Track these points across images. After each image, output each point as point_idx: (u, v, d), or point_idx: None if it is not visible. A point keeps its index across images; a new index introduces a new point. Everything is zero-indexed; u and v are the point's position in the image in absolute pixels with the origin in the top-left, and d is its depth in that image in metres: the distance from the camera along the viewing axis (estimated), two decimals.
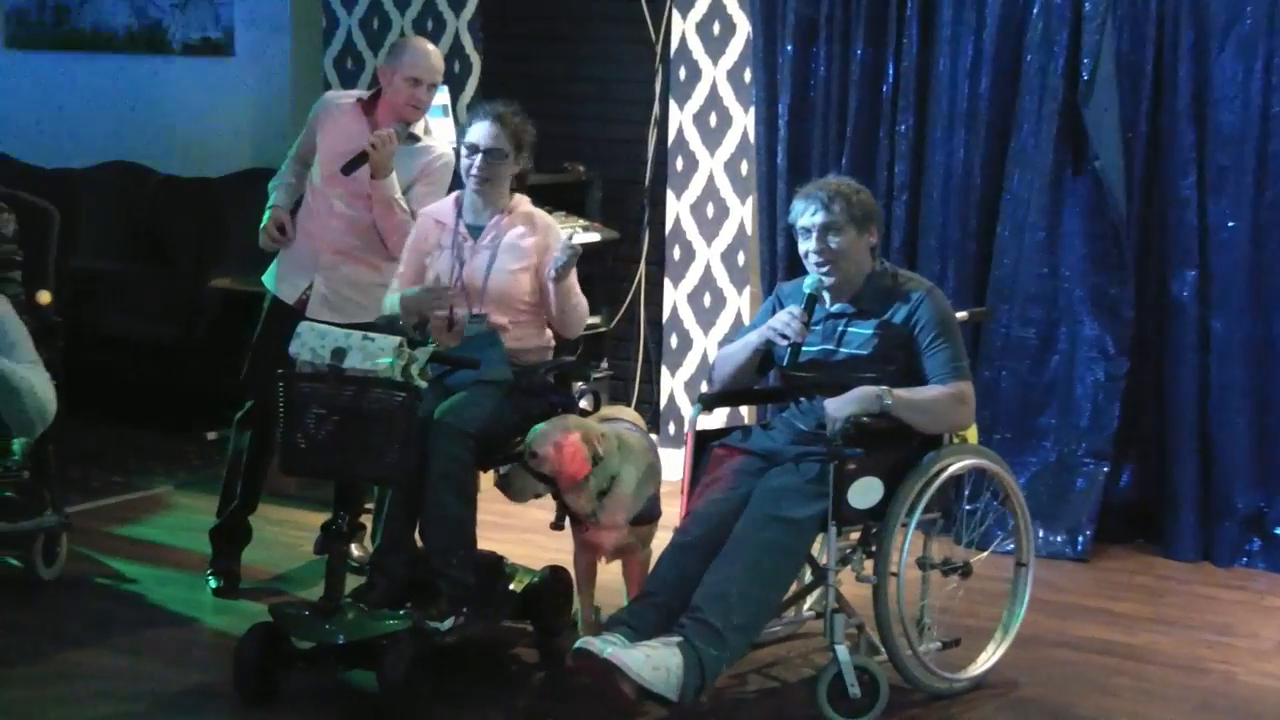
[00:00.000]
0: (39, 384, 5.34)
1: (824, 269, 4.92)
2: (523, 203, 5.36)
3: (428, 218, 5.39)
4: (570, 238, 5.16)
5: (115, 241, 8.70)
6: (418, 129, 5.60)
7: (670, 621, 4.64)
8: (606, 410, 5.42)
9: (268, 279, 5.79)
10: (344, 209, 5.58)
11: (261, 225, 5.69)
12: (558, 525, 5.08)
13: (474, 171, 5.22)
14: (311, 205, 5.68)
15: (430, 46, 5.63)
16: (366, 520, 5.64)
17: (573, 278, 5.16)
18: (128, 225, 8.73)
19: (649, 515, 5.09)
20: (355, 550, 5.68)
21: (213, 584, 5.67)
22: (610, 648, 4.48)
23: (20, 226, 5.71)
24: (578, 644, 4.55)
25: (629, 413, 5.55)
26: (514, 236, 5.24)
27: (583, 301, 5.26)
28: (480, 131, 5.23)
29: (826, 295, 4.96)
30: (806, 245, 4.95)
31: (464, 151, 5.26)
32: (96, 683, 4.93)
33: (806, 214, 4.94)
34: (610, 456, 4.97)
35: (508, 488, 5.02)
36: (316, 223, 5.64)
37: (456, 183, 5.50)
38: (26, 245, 5.71)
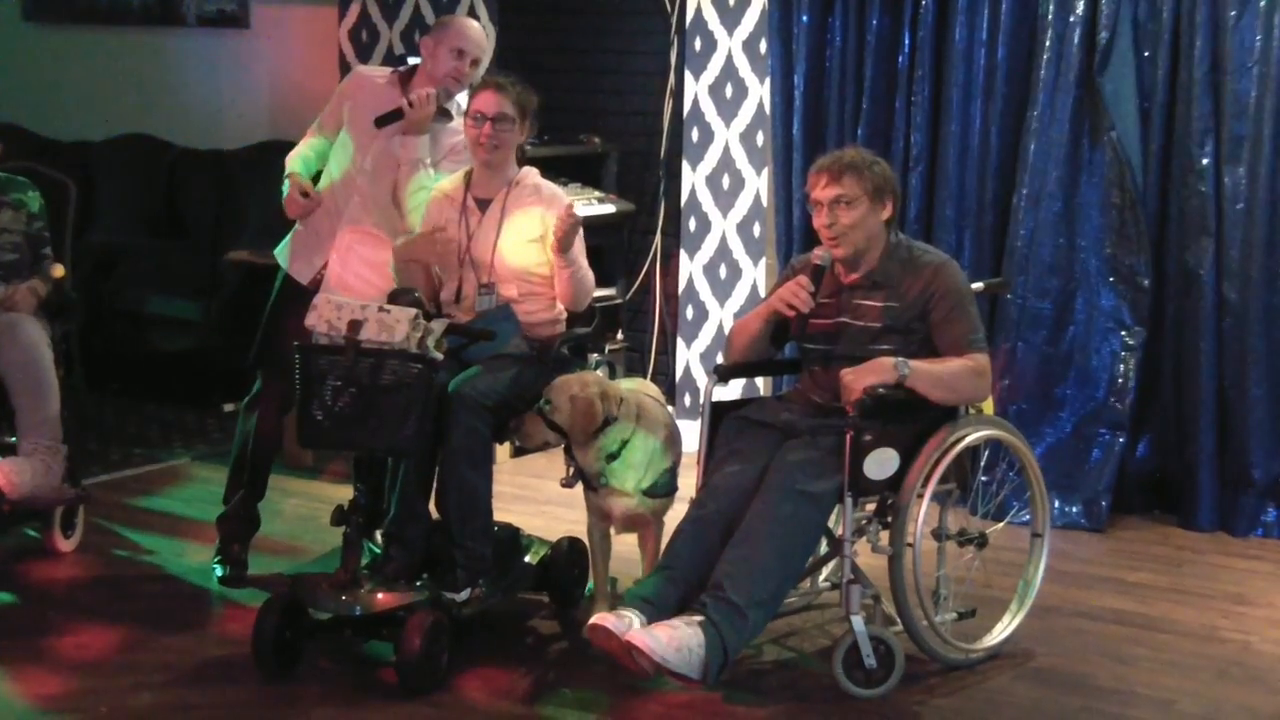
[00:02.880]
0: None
1: (834, 241, 4.92)
2: (530, 174, 5.36)
3: (437, 192, 5.40)
4: (571, 206, 5.15)
5: (133, 215, 8.72)
6: (451, 107, 5.60)
7: (688, 595, 4.65)
8: (625, 383, 5.43)
9: (280, 254, 5.74)
10: (367, 181, 5.51)
11: (284, 195, 5.59)
12: (568, 483, 5.09)
13: (483, 140, 5.23)
14: (331, 183, 5.63)
15: (476, 24, 5.64)
16: None
17: (578, 248, 5.16)
18: (145, 199, 8.75)
19: (665, 488, 5.10)
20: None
21: (218, 572, 5.56)
22: (628, 627, 4.49)
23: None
24: (593, 620, 4.56)
25: (649, 386, 5.55)
26: (521, 208, 5.24)
27: (589, 274, 5.25)
28: (486, 100, 5.23)
29: (829, 264, 4.95)
30: (818, 219, 4.95)
31: (470, 123, 5.26)
32: (115, 654, 4.95)
33: (819, 186, 4.93)
34: (625, 420, 4.98)
35: (518, 432, 5.03)
36: (337, 199, 5.60)
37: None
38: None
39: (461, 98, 5.66)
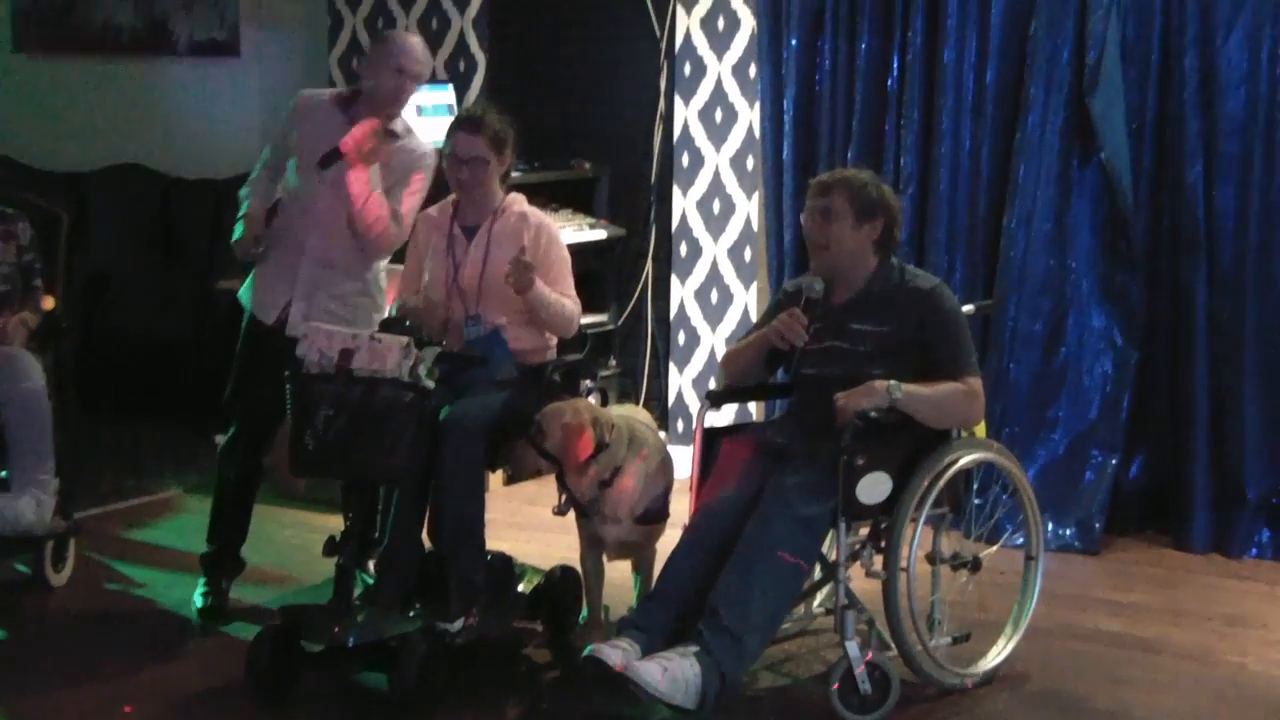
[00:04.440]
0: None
1: (816, 252, 4.94)
2: (516, 202, 5.35)
3: (425, 220, 5.40)
4: (520, 252, 5.11)
5: (125, 245, 8.71)
6: (397, 126, 5.46)
7: (681, 621, 4.64)
8: (617, 409, 5.43)
9: (244, 296, 5.61)
10: (324, 212, 5.38)
11: (235, 237, 5.48)
12: (561, 511, 5.08)
13: (460, 181, 5.22)
14: (290, 212, 5.51)
15: (417, 39, 5.51)
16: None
17: (541, 287, 5.12)
18: (137, 228, 8.74)
19: (657, 515, 5.09)
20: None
21: (199, 603, 5.51)
22: (624, 658, 4.47)
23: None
24: (588, 650, 4.53)
25: (641, 412, 5.55)
26: (508, 236, 5.24)
27: (565, 307, 5.22)
28: (460, 142, 5.23)
29: (820, 289, 4.94)
30: (805, 228, 4.98)
31: (446, 163, 5.25)
32: (108, 687, 4.93)
33: (809, 197, 4.97)
34: (617, 447, 4.97)
35: (510, 460, 5.02)
36: (295, 231, 5.46)
37: (448, 187, 5.44)
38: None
39: (423, 119, 5.58)
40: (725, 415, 6.38)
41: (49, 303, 5.71)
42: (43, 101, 9.29)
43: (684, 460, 5.18)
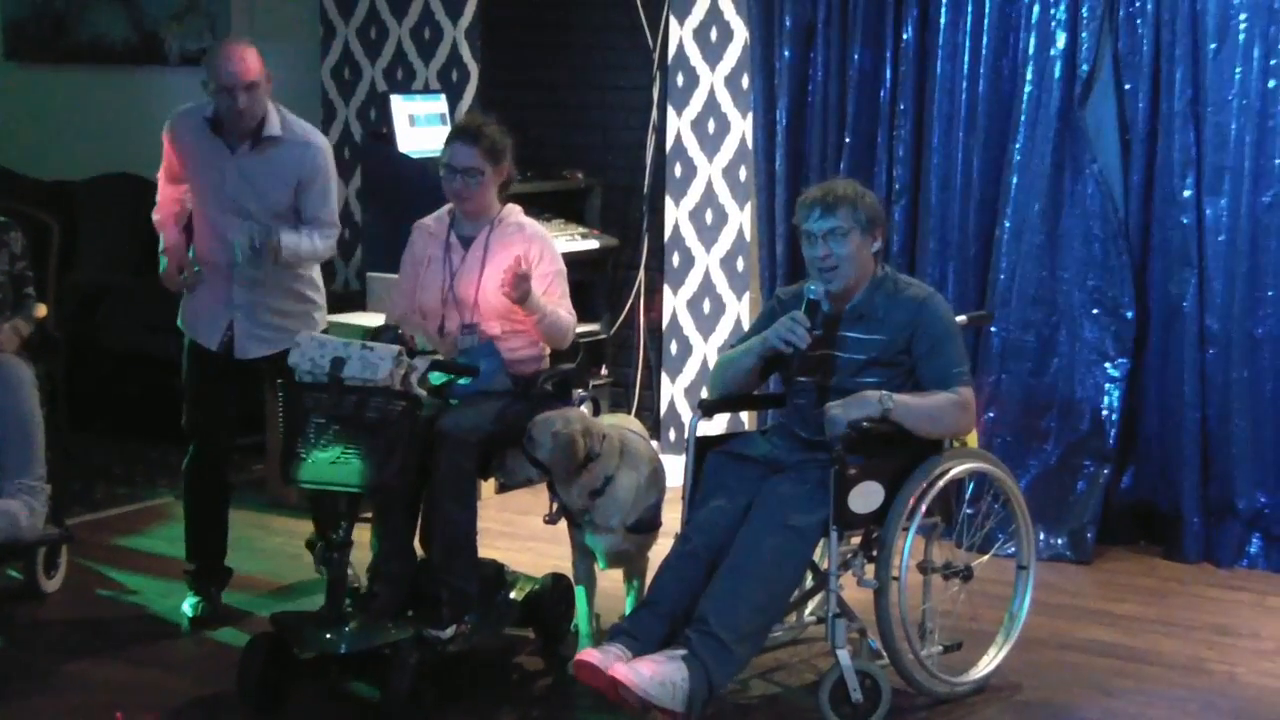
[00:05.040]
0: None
1: (827, 275, 4.92)
2: (514, 212, 5.35)
3: (421, 229, 5.40)
4: (516, 262, 5.09)
5: (116, 254, 8.69)
6: (273, 127, 5.37)
7: (673, 630, 4.65)
8: (608, 419, 5.43)
9: (182, 323, 5.59)
10: (238, 235, 5.31)
11: (161, 268, 5.49)
12: (552, 520, 5.08)
13: (454, 191, 5.23)
14: (205, 239, 5.47)
15: (233, 47, 5.35)
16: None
17: (538, 298, 5.12)
18: (128, 238, 8.72)
19: (649, 524, 5.09)
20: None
21: (189, 612, 5.54)
22: (614, 661, 4.48)
23: None
24: (579, 655, 4.56)
25: (633, 422, 5.54)
26: (504, 246, 5.23)
27: (561, 318, 5.23)
28: (455, 153, 5.23)
29: (824, 299, 4.95)
30: (811, 251, 4.94)
31: (442, 173, 5.25)
32: (100, 695, 4.92)
33: (811, 218, 4.92)
34: (608, 457, 4.97)
35: (501, 469, 5.03)
36: (216, 255, 5.42)
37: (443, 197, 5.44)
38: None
39: (419, 130, 5.55)
40: (717, 425, 6.38)
41: (41, 311, 5.71)
42: (34, 111, 9.29)
43: (676, 470, 5.17)
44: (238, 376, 5.57)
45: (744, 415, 6.85)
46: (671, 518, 5.15)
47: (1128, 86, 6.40)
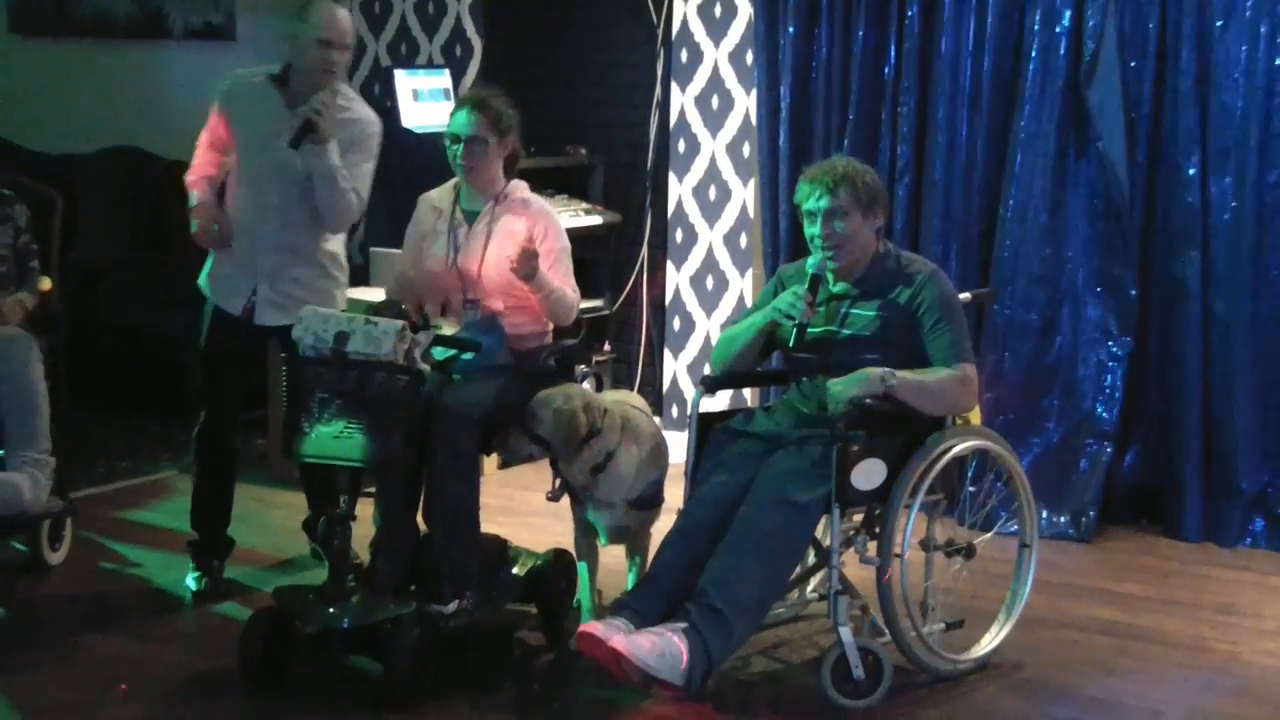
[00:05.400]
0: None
1: (829, 253, 4.91)
2: (519, 188, 5.35)
3: (425, 203, 5.40)
4: (528, 242, 5.10)
5: (119, 228, 8.69)
6: (340, 97, 5.40)
7: (675, 606, 4.65)
8: (611, 395, 5.43)
9: (204, 284, 5.60)
10: (276, 198, 5.38)
11: (193, 228, 5.47)
12: (554, 497, 5.09)
13: (459, 161, 5.22)
14: (241, 203, 5.49)
15: (339, 9, 5.42)
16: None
17: (543, 275, 5.12)
18: (132, 211, 8.73)
19: (651, 500, 5.09)
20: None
21: (193, 586, 5.56)
22: (615, 634, 4.49)
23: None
24: (581, 628, 4.57)
25: (635, 398, 5.55)
26: (509, 222, 5.23)
27: (566, 295, 5.23)
28: (459, 122, 5.22)
29: (830, 276, 4.96)
30: (812, 229, 4.94)
31: (447, 142, 5.25)
32: (102, 668, 4.93)
33: (812, 198, 4.92)
34: (610, 432, 4.97)
35: (502, 446, 5.03)
36: (249, 219, 5.44)
37: (448, 171, 5.44)
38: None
39: (420, 105, 5.56)
40: (720, 401, 6.38)
41: (46, 284, 5.71)
42: (38, 84, 9.28)
43: (678, 446, 5.17)
44: (254, 345, 5.59)
45: (746, 392, 6.85)
46: (674, 494, 5.15)
47: (1133, 64, 6.39)
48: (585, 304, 5.60)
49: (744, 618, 4.63)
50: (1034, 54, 6.44)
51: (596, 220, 7.47)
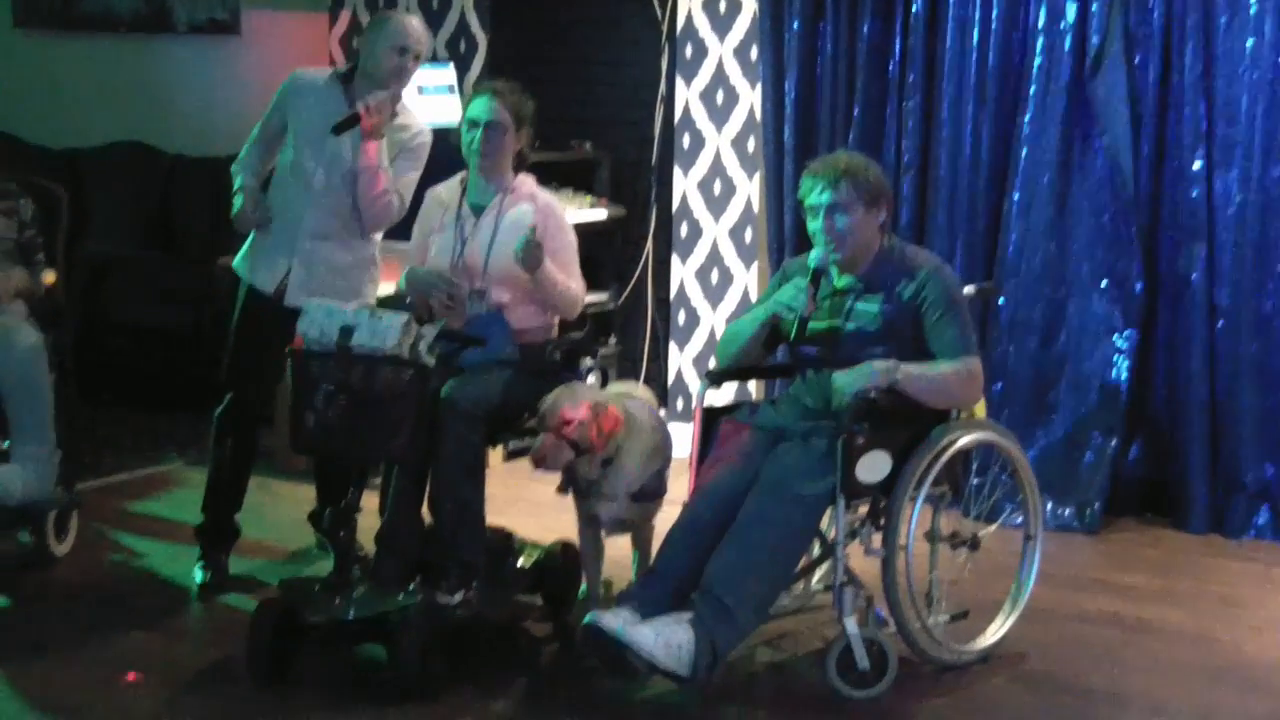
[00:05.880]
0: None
1: (832, 247, 4.92)
2: (526, 182, 5.36)
3: (432, 197, 5.41)
4: (533, 230, 5.10)
5: (125, 223, 8.69)
6: (398, 107, 5.46)
7: (680, 597, 4.66)
8: (616, 386, 5.44)
9: (240, 265, 5.63)
10: (322, 186, 5.44)
11: (235, 209, 5.52)
12: (565, 490, 5.10)
13: (475, 147, 5.23)
14: (287, 187, 5.54)
15: (417, 19, 5.54)
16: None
17: (549, 268, 5.13)
18: (138, 206, 8.73)
19: (654, 492, 5.10)
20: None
21: (199, 578, 5.56)
22: (620, 625, 4.50)
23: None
24: (587, 619, 4.57)
25: (640, 389, 5.55)
26: (516, 215, 5.24)
27: (570, 288, 5.24)
28: (480, 107, 5.24)
29: (834, 270, 4.96)
30: (814, 224, 4.95)
31: (464, 128, 5.26)
32: (109, 659, 4.94)
33: (814, 193, 4.93)
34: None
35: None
36: (292, 205, 5.50)
37: (451, 165, 5.47)
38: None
39: (423, 98, 5.60)
40: (725, 394, 6.39)
41: (50, 278, 5.72)
42: (43, 79, 9.28)
43: (683, 439, 5.18)
44: (283, 328, 5.61)
45: (751, 385, 6.86)
46: (678, 487, 5.15)
47: (1138, 59, 6.39)
48: (590, 298, 5.61)
49: (749, 610, 4.63)
50: (1039, 49, 6.45)
51: (602, 214, 7.49)
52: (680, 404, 7.47)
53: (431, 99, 7.29)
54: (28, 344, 5.51)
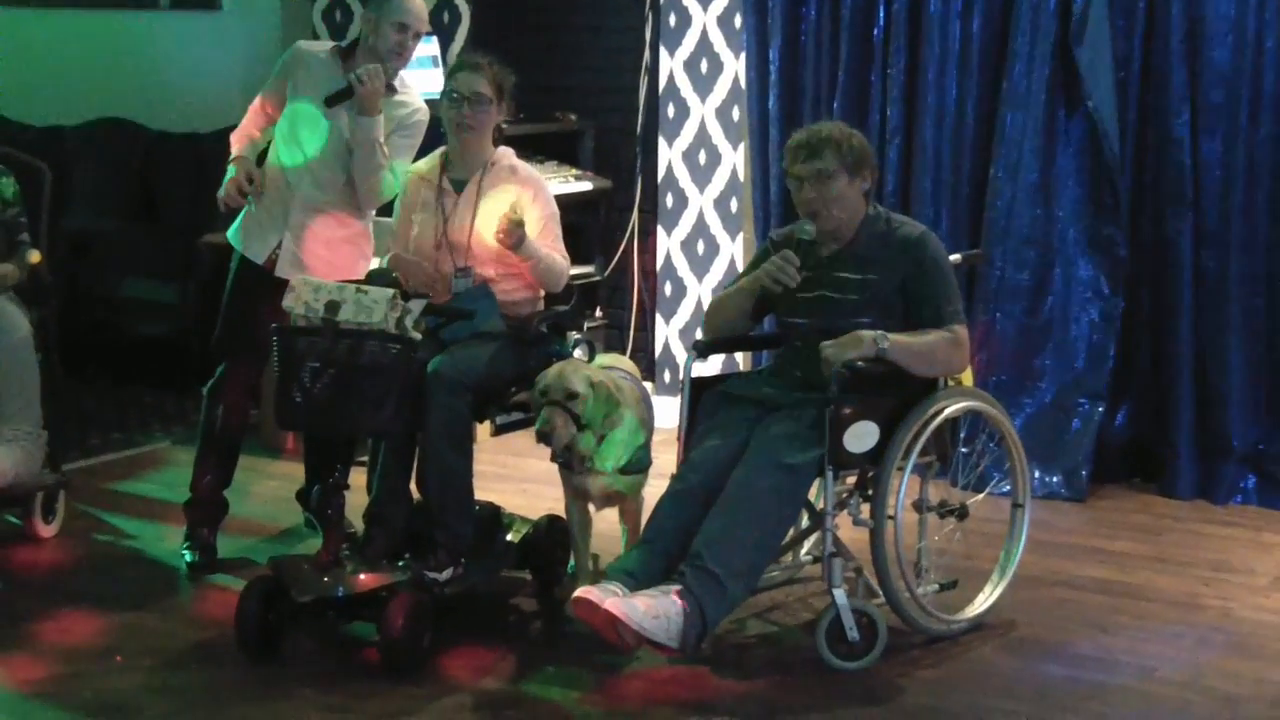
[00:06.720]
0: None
1: (815, 216, 4.91)
2: (506, 155, 5.35)
3: (413, 175, 5.40)
4: (510, 210, 5.09)
5: (107, 199, 8.67)
6: (395, 81, 5.50)
7: (669, 569, 4.66)
8: (602, 359, 5.43)
9: (233, 236, 5.64)
10: (317, 159, 5.46)
11: (225, 179, 5.52)
12: (560, 458, 5.08)
13: (457, 119, 5.22)
14: (282, 158, 5.55)
15: None
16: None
17: (532, 242, 5.13)
18: (119, 182, 8.70)
19: (639, 465, 5.09)
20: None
21: (188, 558, 5.55)
22: (610, 597, 4.50)
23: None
24: (577, 593, 4.57)
25: (625, 362, 5.55)
26: (497, 189, 5.23)
27: (555, 262, 5.23)
28: (462, 80, 5.24)
29: (820, 239, 4.95)
30: (798, 193, 4.94)
31: (446, 103, 5.25)
32: (97, 639, 4.94)
33: (797, 162, 4.92)
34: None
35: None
36: (287, 178, 5.52)
37: (437, 140, 5.46)
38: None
39: (406, 72, 5.61)
40: (712, 366, 6.39)
41: (35, 257, 5.70)
42: (23, 53, 9.22)
43: (670, 410, 5.17)
44: (274, 300, 5.59)
45: (738, 356, 6.85)
46: (665, 459, 5.15)
47: (1122, 23, 6.38)
48: (576, 270, 5.61)
49: (738, 580, 4.63)
50: (1023, 13, 6.43)
51: (586, 186, 7.46)
52: (667, 376, 7.46)
53: (415, 72, 7.24)
54: (19, 335, 5.50)
